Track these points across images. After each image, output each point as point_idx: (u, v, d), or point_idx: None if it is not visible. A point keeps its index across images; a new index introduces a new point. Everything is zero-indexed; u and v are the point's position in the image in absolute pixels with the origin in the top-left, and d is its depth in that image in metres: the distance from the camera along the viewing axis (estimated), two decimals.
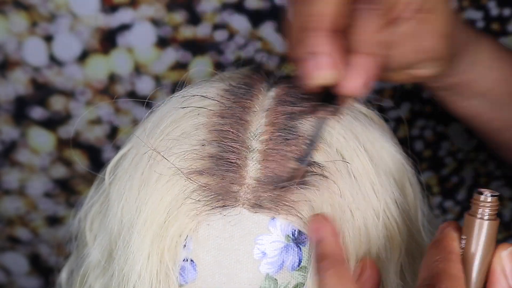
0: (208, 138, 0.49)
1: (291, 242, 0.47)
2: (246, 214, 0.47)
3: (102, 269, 0.55)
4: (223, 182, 0.48)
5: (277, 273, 0.47)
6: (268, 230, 0.47)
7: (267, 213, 0.47)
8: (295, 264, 0.48)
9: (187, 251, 0.48)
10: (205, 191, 0.48)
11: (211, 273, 0.48)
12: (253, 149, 0.49)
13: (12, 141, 0.86)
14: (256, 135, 0.49)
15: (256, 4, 0.79)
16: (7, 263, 0.94)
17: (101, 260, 0.54)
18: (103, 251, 0.54)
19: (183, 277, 0.48)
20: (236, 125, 0.49)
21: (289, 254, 0.47)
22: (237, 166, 0.48)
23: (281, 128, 0.49)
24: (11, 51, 0.80)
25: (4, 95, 0.83)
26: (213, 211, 0.48)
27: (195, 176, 0.48)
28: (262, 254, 0.47)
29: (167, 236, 0.48)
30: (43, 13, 0.79)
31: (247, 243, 0.47)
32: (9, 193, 0.89)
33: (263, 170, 0.48)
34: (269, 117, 0.50)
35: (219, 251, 0.47)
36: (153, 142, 0.51)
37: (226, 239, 0.47)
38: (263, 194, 0.47)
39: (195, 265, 0.48)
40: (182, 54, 0.81)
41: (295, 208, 0.47)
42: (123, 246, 0.50)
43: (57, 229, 0.91)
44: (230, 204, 0.47)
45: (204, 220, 0.48)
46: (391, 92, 0.82)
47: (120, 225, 0.51)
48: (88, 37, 0.80)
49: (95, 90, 0.82)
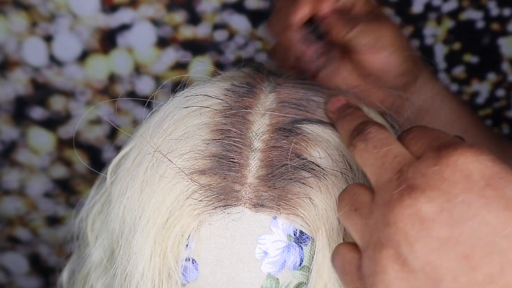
0: (210, 138, 0.49)
1: (293, 241, 0.48)
2: (248, 213, 0.47)
3: (104, 269, 0.55)
4: (225, 182, 0.48)
5: (278, 272, 0.47)
6: (270, 229, 0.47)
7: (269, 212, 0.47)
8: (296, 263, 0.48)
9: (189, 251, 0.48)
10: (207, 191, 0.48)
11: (213, 272, 0.48)
12: (255, 148, 0.49)
13: (12, 141, 0.86)
14: (258, 134, 0.49)
15: (256, 4, 0.79)
16: (7, 263, 0.94)
17: (103, 260, 0.54)
18: (105, 251, 0.54)
19: (184, 276, 0.48)
20: (238, 125, 0.49)
21: (291, 253, 0.47)
22: (239, 166, 0.48)
23: (283, 128, 0.49)
24: (11, 51, 0.80)
25: (4, 95, 0.83)
26: (215, 210, 0.48)
27: (197, 175, 0.48)
28: (264, 253, 0.47)
29: (169, 235, 0.48)
30: (43, 13, 0.79)
31: (249, 243, 0.47)
32: (9, 193, 0.89)
33: (265, 169, 0.48)
34: (271, 116, 0.50)
35: (221, 251, 0.47)
36: (155, 141, 0.51)
37: (228, 238, 0.47)
38: (264, 193, 0.47)
39: (196, 264, 0.48)
40: (182, 54, 0.81)
41: (297, 208, 0.47)
42: (125, 245, 0.50)
43: (57, 229, 0.91)
44: (232, 204, 0.47)
45: (206, 219, 0.48)
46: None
47: (122, 224, 0.51)
48: (88, 37, 0.80)
49: (95, 90, 0.82)
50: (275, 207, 0.47)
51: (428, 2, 0.80)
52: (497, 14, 0.81)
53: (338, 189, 0.48)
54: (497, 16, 0.81)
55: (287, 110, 0.50)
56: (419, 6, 0.81)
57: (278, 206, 0.47)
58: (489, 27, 0.82)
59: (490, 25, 0.82)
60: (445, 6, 0.81)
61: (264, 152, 0.48)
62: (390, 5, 0.80)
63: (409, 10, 0.81)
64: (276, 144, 0.49)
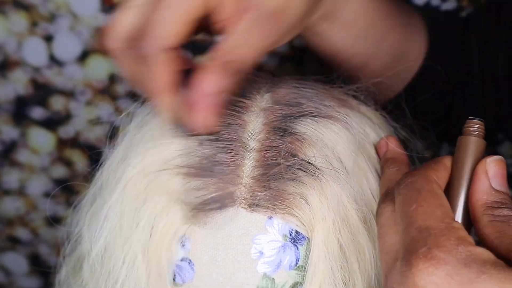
0: (205, 138, 0.49)
1: (288, 241, 0.47)
2: (243, 213, 0.47)
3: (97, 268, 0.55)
4: (220, 182, 0.48)
5: (274, 272, 0.47)
6: (265, 229, 0.47)
7: (264, 212, 0.47)
8: (292, 263, 0.48)
9: (185, 251, 0.48)
10: (202, 191, 0.48)
11: (208, 272, 0.48)
12: (250, 148, 0.49)
13: (12, 141, 0.86)
14: (253, 134, 0.49)
15: None
16: (7, 263, 0.94)
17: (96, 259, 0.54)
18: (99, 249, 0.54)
19: (180, 276, 0.48)
20: (233, 125, 0.49)
21: (287, 253, 0.47)
22: (234, 166, 0.48)
23: (278, 127, 0.49)
24: (11, 51, 0.81)
25: (4, 95, 0.83)
26: (210, 211, 0.48)
27: (193, 176, 0.48)
28: (260, 253, 0.47)
29: (163, 235, 0.48)
30: (43, 13, 0.79)
31: (245, 243, 0.47)
32: (9, 193, 0.89)
33: (260, 169, 0.48)
34: (266, 116, 0.50)
35: (217, 251, 0.47)
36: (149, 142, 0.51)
37: (223, 238, 0.47)
38: (260, 193, 0.47)
39: (192, 264, 0.48)
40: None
41: (292, 207, 0.47)
42: (117, 244, 0.50)
43: (57, 229, 0.91)
44: (227, 204, 0.47)
45: (202, 219, 0.48)
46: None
47: (115, 224, 0.51)
48: (88, 37, 0.80)
49: (95, 90, 0.83)
50: (271, 207, 0.47)
51: (428, 1, 0.80)
52: None
53: (333, 188, 0.48)
54: None
55: (282, 108, 0.50)
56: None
57: (273, 206, 0.47)
58: None
59: None
60: (444, 6, 0.80)
61: (259, 152, 0.48)
62: None
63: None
64: (271, 144, 0.49)
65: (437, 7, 0.80)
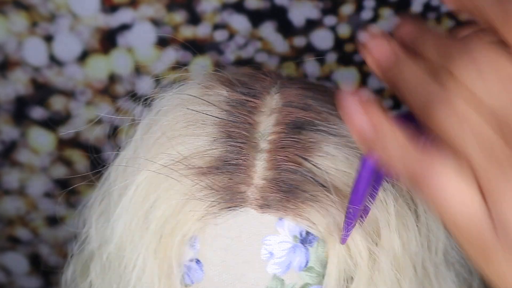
0: (215, 138, 0.49)
1: (299, 242, 0.48)
2: (254, 214, 0.47)
3: (105, 268, 0.55)
4: (231, 183, 0.48)
5: (284, 273, 0.47)
6: (276, 230, 0.47)
7: (275, 213, 0.47)
8: (302, 264, 0.48)
9: (194, 251, 0.48)
10: (213, 191, 0.48)
11: (218, 273, 0.48)
12: (261, 149, 0.49)
13: (12, 141, 0.86)
14: (264, 135, 0.49)
15: (256, 4, 0.79)
16: (7, 263, 0.94)
17: (104, 259, 0.54)
18: (107, 250, 0.54)
19: (189, 277, 0.49)
20: (244, 125, 0.49)
21: (297, 254, 0.48)
22: (245, 167, 0.48)
23: (289, 128, 0.49)
24: (11, 51, 0.80)
25: (4, 95, 0.83)
26: (220, 211, 0.48)
27: (203, 176, 0.48)
28: (270, 254, 0.47)
29: (173, 236, 0.48)
30: (43, 13, 0.78)
31: (255, 244, 0.47)
32: (9, 193, 0.89)
33: (271, 170, 0.48)
34: (277, 117, 0.50)
35: (226, 251, 0.48)
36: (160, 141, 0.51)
37: (233, 239, 0.47)
38: (271, 194, 0.47)
39: (201, 265, 0.48)
40: (182, 54, 0.81)
41: (303, 209, 0.47)
42: (128, 245, 0.50)
43: (57, 229, 0.91)
44: (237, 205, 0.48)
45: (212, 220, 0.48)
46: (392, 91, 0.82)
47: (126, 226, 0.51)
48: (88, 37, 0.80)
49: (95, 90, 0.82)
50: (282, 208, 0.47)
51: (427, 1, 0.80)
52: None
53: (343, 190, 0.48)
54: None
55: (292, 109, 0.50)
56: (418, 6, 0.81)
57: (284, 207, 0.47)
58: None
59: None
60: (444, 6, 0.81)
61: (270, 153, 0.48)
62: (390, 5, 0.80)
63: (408, 10, 0.81)
64: (283, 145, 0.49)
65: (437, 7, 0.81)
